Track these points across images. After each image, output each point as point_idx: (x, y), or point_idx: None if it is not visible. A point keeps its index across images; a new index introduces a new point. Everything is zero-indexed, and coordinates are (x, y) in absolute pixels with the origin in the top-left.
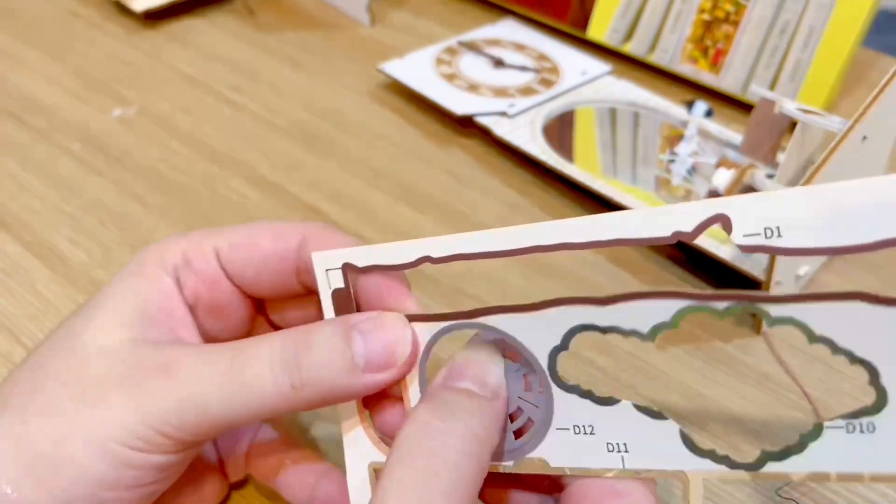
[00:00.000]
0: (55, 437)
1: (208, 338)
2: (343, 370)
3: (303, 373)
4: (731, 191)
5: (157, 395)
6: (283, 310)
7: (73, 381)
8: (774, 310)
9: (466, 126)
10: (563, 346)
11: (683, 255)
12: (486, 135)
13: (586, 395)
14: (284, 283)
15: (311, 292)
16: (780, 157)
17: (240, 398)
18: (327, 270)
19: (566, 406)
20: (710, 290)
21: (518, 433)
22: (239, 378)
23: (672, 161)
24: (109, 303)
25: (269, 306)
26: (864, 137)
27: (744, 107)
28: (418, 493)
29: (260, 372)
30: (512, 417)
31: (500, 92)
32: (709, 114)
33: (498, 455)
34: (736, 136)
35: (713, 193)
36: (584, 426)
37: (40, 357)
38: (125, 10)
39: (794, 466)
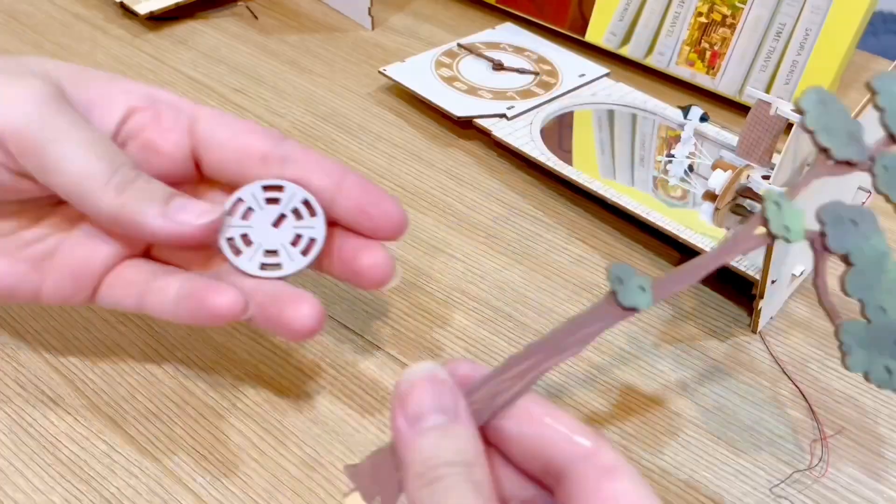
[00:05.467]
0: None
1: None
2: (158, 202)
3: (131, 182)
4: (727, 191)
5: (26, 108)
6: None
7: None
8: None
9: (466, 128)
10: None
11: (683, 255)
12: (485, 137)
13: None
14: (240, 170)
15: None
16: (776, 159)
17: (82, 165)
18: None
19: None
20: None
21: (306, 252)
22: (92, 150)
23: (669, 162)
24: (57, 64)
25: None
26: None
27: (740, 109)
28: None
29: (110, 165)
30: (294, 243)
31: (500, 94)
32: (704, 119)
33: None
34: (732, 138)
35: (710, 194)
36: None
37: None
38: (129, 14)
39: None
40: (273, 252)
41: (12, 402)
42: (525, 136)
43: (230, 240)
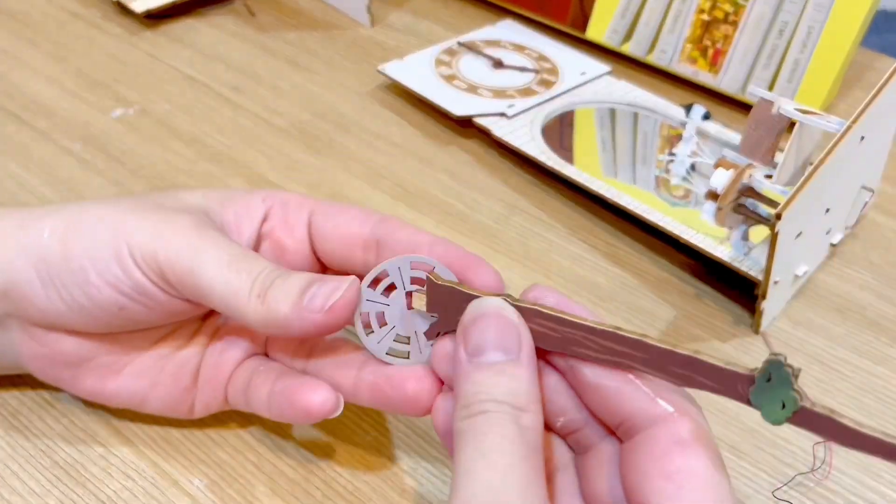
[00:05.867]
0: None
1: None
2: (294, 302)
3: (270, 286)
4: (729, 190)
5: (177, 239)
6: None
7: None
8: None
9: (466, 127)
10: None
11: (682, 255)
12: (485, 135)
13: None
14: (350, 255)
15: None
16: (779, 158)
17: (228, 281)
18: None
19: None
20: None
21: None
22: (234, 267)
23: (671, 161)
24: (205, 192)
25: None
26: (862, 138)
27: (742, 107)
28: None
29: (251, 275)
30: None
31: (500, 93)
32: (706, 117)
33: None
34: (734, 137)
35: (712, 193)
36: None
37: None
38: (126, 11)
39: None
40: (405, 339)
41: (8, 403)
42: (525, 135)
43: (366, 315)
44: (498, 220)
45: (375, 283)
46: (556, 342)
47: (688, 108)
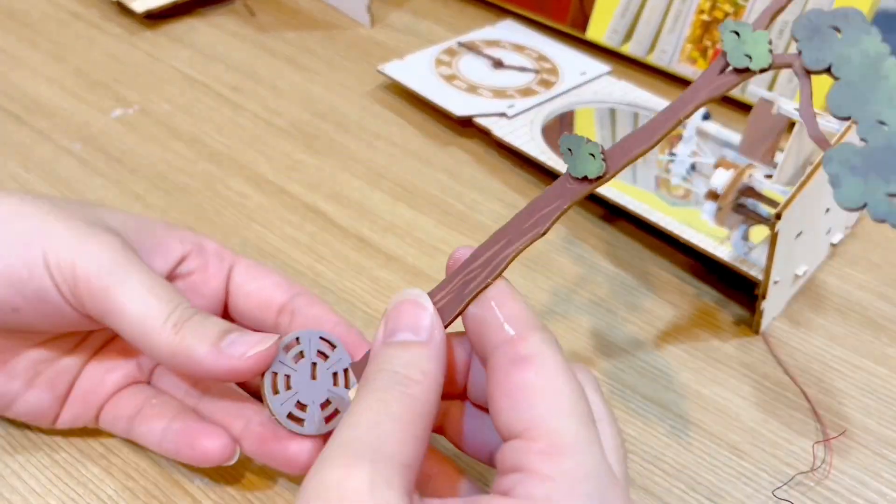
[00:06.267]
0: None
1: None
2: (212, 343)
3: (187, 320)
4: (729, 190)
5: (99, 257)
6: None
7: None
8: None
9: (466, 127)
10: None
11: (682, 255)
12: (485, 135)
13: None
14: (261, 316)
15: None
16: (779, 158)
17: (143, 307)
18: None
19: None
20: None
21: (328, 419)
22: (153, 293)
23: (671, 161)
24: (125, 217)
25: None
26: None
27: (742, 107)
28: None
29: (168, 305)
30: (323, 405)
31: (500, 93)
32: (706, 117)
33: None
34: (735, 137)
35: (712, 193)
36: None
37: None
38: (126, 11)
39: None
40: (303, 406)
41: None
42: (525, 135)
43: (274, 374)
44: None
45: (287, 348)
46: (457, 299)
47: None
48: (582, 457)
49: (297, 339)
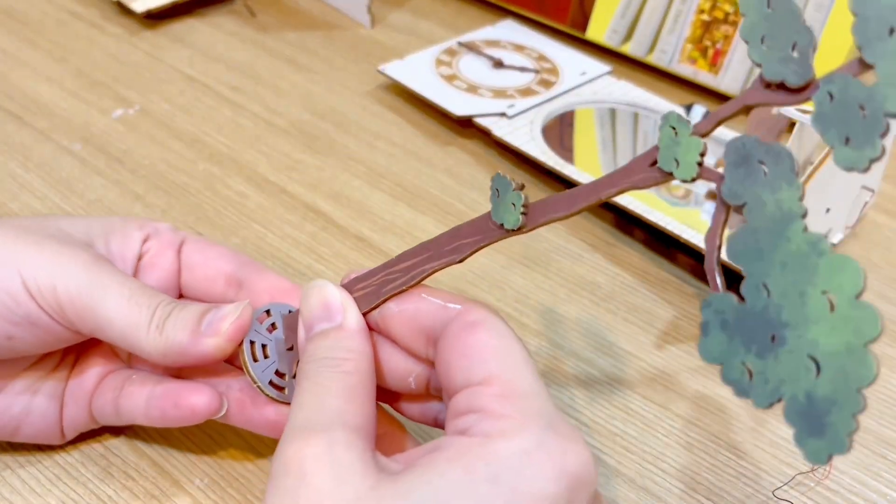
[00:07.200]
0: None
1: None
2: (192, 330)
3: (167, 318)
4: None
5: (78, 275)
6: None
7: (29, 225)
8: None
9: (466, 127)
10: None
11: (682, 255)
12: (485, 135)
13: None
14: (209, 287)
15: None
16: None
17: (127, 316)
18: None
19: None
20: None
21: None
22: (133, 302)
23: None
24: (87, 222)
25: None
26: None
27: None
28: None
29: (149, 309)
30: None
31: (500, 93)
32: (707, 117)
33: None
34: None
35: (712, 194)
36: None
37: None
38: (126, 11)
39: None
40: (282, 375)
41: None
42: (525, 135)
43: (252, 343)
44: None
45: (260, 320)
46: (374, 294)
47: (688, 108)
48: (534, 399)
49: (268, 311)
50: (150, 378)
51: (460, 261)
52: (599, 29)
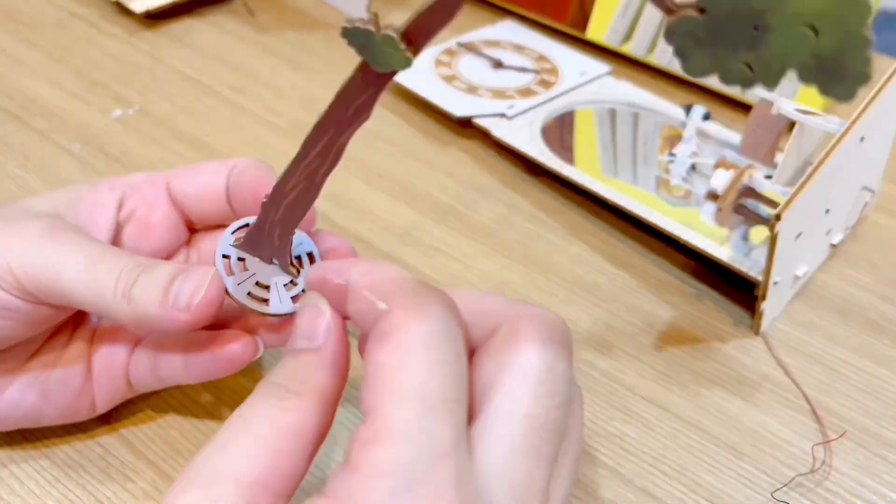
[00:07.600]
0: None
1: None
2: (160, 303)
3: (134, 285)
4: (729, 191)
5: (29, 248)
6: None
7: None
8: None
9: (466, 127)
10: None
11: (682, 255)
12: (485, 136)
13: None
14: (217, 208)
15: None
16: (779, 158)
17: (90, 284)
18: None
19: None
20: None
21: (295, 299)
22: (93, 269)
23: (671, 161)
24: (50, 196)
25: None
26: (862, 138)
27: (743, 107)
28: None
29: (112, 274)
30: (287, 287)
31: (500, 93)
32: (706, 117)
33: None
34: (735, 137)
35: (712, 194)
36: None
37: None
38: (125, 11)
39: None
40: (265, 287)
41: None
42: (525, 136)
43: (226, 257)
44: (498, 221)
45: (240, 231)
46: (311, 186)
47: (688, 108)
48: (401, 447)
49: (248, 224)
50: (179, 340)
51: (368, 117)
52: (599, 29)
